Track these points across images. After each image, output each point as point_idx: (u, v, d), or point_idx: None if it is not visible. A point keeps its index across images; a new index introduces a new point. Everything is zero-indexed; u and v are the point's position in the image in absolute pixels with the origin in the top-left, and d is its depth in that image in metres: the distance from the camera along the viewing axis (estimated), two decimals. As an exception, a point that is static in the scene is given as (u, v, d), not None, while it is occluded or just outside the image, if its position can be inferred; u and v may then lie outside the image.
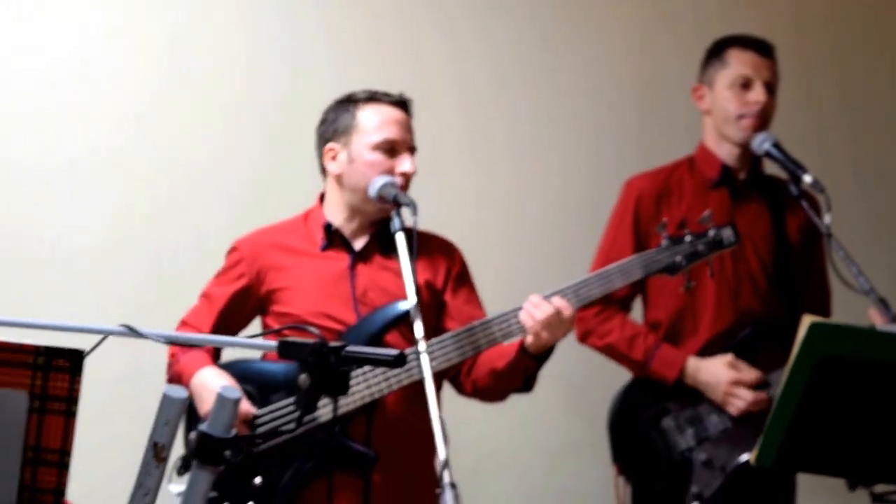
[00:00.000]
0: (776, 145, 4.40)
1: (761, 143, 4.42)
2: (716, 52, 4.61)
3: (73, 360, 2.55)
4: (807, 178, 4.30)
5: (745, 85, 4.51)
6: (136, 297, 4.68)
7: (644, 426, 4.49)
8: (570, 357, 4.51)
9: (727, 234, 4.09)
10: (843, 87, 5.82)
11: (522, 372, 3.95)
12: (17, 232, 4.74)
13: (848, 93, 5.81)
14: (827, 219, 4.27)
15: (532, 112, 5.48)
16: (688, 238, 4.07)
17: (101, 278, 4.81)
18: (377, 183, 3.92)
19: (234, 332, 4.03)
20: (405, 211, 3.86)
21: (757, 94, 4.49)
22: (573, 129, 5.51)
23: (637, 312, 4.66)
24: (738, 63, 4.54)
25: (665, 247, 4.06)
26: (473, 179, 5.37)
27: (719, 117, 4.55)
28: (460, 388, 4.11)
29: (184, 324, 4.03)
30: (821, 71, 5.75)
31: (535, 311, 3.84)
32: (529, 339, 3.85)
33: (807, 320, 3.64)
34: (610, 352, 4.55)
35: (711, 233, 4.07)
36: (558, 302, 3.86)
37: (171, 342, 3.68)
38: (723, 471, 4.37)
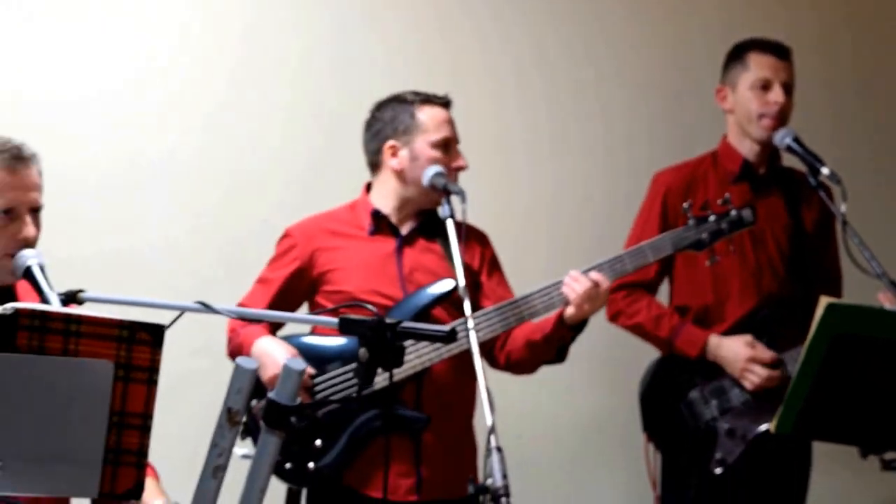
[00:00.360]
0: (796, 139, 4.42)
1: (783, 137, 4.44)
2: (737, 55, 4.63)
3: (154, 334, 2.57)
4: (824, 171, 4.31)
5: (765, 86, 4.53)
6: (206, 281, 4.73)
7: (672, 398, 4.52)
8: (601, 335, 4.53)
9: (746, 213, 4.14)
10: (861, 86, 5.81)
11: (557, 342, 4.02)
12: (105, 222, 4.78)
13: (866, 92, 5.80)
14: (843, 208, 4.27)
15: (561, 110, 5.46)
16: (712, 218, 4.13)
17: (177, 262, 4.87)
18: (429, 172, 4.00)
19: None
20: (452, 200, 3.95)
21: (776, 95, 4.51)
22: (600, 126, 5.50)
23: (663, 299, 4.69)
24: (757, 66, 4.56)
25: (691, 225, 4.12)
26: (512, 172, 5.39)
27: (742, 117, 4.58)
28: (493, 362, 4.17)
29: (241, 306, 4.04)
30: (840, 70, 5.73)
31: (575, 284, 3.93)
32: (571, 311, 3.94)
33: (824, 301, 3.66)
34: (638, 330, 4.59)
35: (733, 213, 4.13)
36: (595, 275, 3.95)
37: (241, 317, 3.74)
38: (744, 439, 4.39)
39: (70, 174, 4.59)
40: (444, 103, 4.14)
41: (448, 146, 4.09)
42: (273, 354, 3.87)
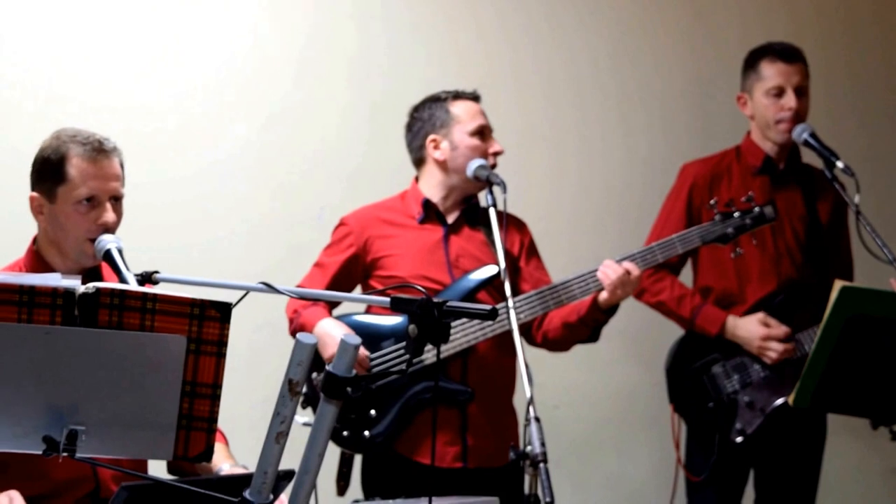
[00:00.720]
0: (813, 135, 4.42)
1: (800, 133, 4.44)
2: (751, 64, 4.62)
3: (222, 311, 2.61)
4: (839, 164, 4.32)
5: (779, 93, 4.53)
6: (269, 264, 4.76)
7: (696, 372, 4.55)
8: (631, 314, 4.55)
9: (768, 210, 4.17)
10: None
11: (592, 324, 4.07)
12: (180, 212, 4.84)
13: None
14: (856, 198, 4.29)
15: (600, 107, 5.48)
16: (736, 214, 4.15)
17: (242, 247, 4.91)
18: (473, 165, 4.05)
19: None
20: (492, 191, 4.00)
21: (789, 101, 4.51)
22: (635, 122, 5.51)
23: (686, 279, 4.71)
24: (770, 74, 4.55)
25: (718, 221, 4.15)
26: (548, 165, 5.39)
27: (761, 122, 4.58)
28: (531, 340, 4.22)
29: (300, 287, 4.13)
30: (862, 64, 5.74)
31: (609, 271, 3.97)
32: (605, 296, 3.99)
33: (838, 284, 3.71)
34: (661, 308, 4.61)
35: (756, 209, 4.15)
36: (628, 264, 3.99)
37: (301, 297, 3.79)
38: (763, 411, 4.43)
39: (147, 172, 4.66)
40: (474, 97, 4.22)
41: (483, 133, 4.15)
42: (333, 334, 3.92)
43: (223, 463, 3.22)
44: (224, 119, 4.97)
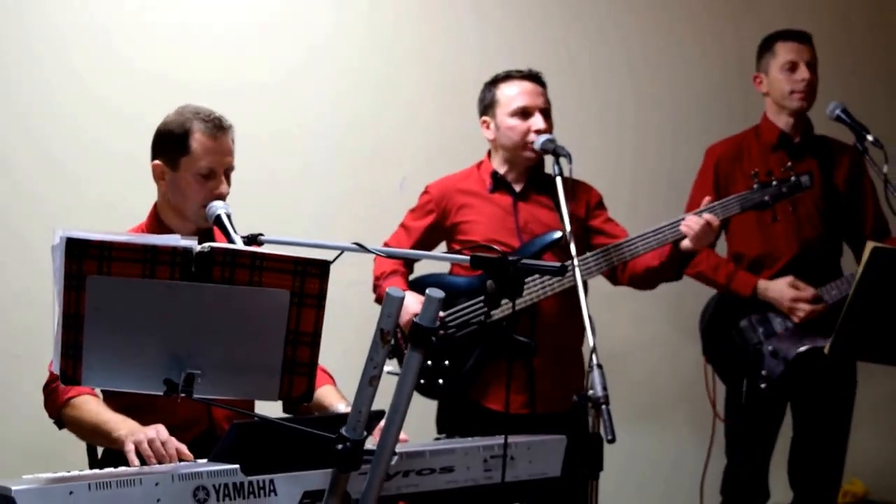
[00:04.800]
0: (845, 111, 4.30)
1: (833, 109, 4.30)
2: (766, 46, 4.55)
3: (321, 268, 2.59)
4: (869, 137, 4.21)
5: (792, 68, 4.46)
6: (361, 225, 4.74)
7: (725, 327, 4.47)
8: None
9: (804, 179, 4.05)
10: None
11: (675, 266, 3.99)
12: (281, 179, 4.85)
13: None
14: (885, 168, 4.17)
15: (649, 88, 5.48)
16: (774, 183, 4.04)
17: (337, 210, 4.92)
18: (540, 139, 3.95)
19: None
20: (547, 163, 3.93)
21: (802, 73, 4.45)
22: (671, 108, 5.51)
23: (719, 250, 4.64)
24: (784, 52, 4.48)
25: (756, 189, 4.04)
26: (601, 141, 5.35)
27: (777, 95, 4.50)
28: (616, 281, 4.12)
29: (386, 245, 4.04)
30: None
31: (693, 224, 3.88)
32: (688, 244, 3.91)
33: (870, 245, 3.64)
34: (700, 277, 4.52)
35: (793, 178, 4.04)
36: (708, 216, 3.90)
37: (392, 256, 3.74)
38: (785, 359, 4.32)
39: (256, 146, 4.67)
40: (525, 76, 4.04)
41: (526, 113, 3.99)
42: (406, 303, 3.79)
43: (338, 403, 3.18)
44: (325, 100, 4.94)
